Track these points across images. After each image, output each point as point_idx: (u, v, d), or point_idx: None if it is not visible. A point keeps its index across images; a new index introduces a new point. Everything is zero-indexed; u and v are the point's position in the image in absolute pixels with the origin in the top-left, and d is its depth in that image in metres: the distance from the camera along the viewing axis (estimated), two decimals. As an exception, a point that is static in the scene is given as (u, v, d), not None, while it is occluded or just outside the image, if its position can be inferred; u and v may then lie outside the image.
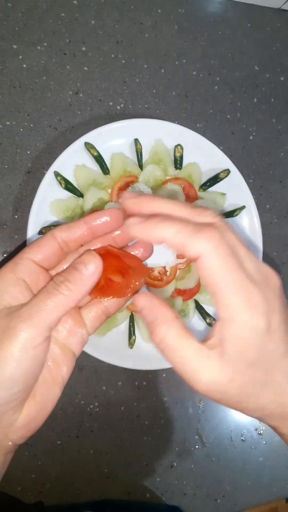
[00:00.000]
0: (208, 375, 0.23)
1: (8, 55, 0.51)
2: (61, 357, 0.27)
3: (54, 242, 0.26)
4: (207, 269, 0.23)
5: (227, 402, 0.25)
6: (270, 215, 0.59)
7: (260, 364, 0.23)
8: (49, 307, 0.24)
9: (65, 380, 0.28)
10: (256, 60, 0.59)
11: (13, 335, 0.23)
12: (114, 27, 0.54)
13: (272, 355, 0.24)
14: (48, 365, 0.27)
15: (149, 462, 0.54)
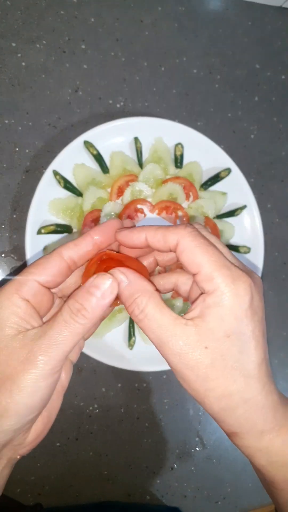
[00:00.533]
0: (185, 339, 0.24)
1: (7, 53, 0.50)
2: (62, 368, 0.27)
3: (62, 261, 0.26)
4: (186, 250, 0.24)
5: (195, 379, 0.24)
6: (272, 215, 0.59)
7: (236, 340, 0.24)
8: (68, 337, 0.24)
9: (65, 388, 0.28)
10: (257, 58, 0.59)
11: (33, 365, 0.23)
12: (113, 25, 0.53)
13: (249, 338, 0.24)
14: None
15: (149, 464, 0.54)
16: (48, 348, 0.23)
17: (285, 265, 0.59)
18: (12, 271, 0.49)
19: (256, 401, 0.24)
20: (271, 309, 0.58)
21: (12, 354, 0.23)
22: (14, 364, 0.23)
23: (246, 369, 0.24)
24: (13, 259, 0.49)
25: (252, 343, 0.24)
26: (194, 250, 0.24)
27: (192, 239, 0.24)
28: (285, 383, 0.58)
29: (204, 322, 0.24)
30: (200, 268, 0.24)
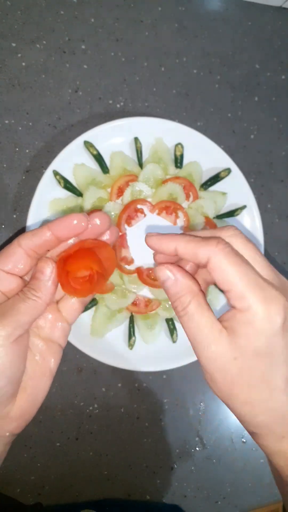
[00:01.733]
0: (217, 345, 0.25)
1: (7, 53, 0.50)
2: (47, 351, 0.30)
3: (20, 250, 0.28)
4: (217, 268, 0.25)
5: (222, 382, 0.25)
6: (272, 215, 0.59)
7: (265, 357, 0.24)
8: (22, 309, 0.27)
9: (53, 371, 0.30)
10: (257, 58, 0.59)
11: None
12: (113, 25, 0.53)
13: (279, 354, 0.24)
14: (35, 359, 0.29)
15: (149, 464, 0.54)
16: (3, 315, 0.26)
17: (285, 265, 0.59)
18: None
19: (279, 411, 0.25)
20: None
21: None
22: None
23: (273, 382, 0.25)
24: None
25: (281, 358, 0.25)
26: (226, 268, 0.24)
27: (223, 256, 0.24)
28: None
29: (235, 336, 0.24)
30: (232, 287, 0.24)
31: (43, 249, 0.28)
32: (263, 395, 0.25)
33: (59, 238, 0.28)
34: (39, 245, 0.28)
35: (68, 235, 0.28)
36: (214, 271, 0.25)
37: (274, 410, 0.26)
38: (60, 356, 0.31)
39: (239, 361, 0.24)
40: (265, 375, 0.25)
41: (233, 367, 0.25)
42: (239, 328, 0.24)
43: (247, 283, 0.24)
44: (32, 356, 0.29)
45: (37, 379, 0.29)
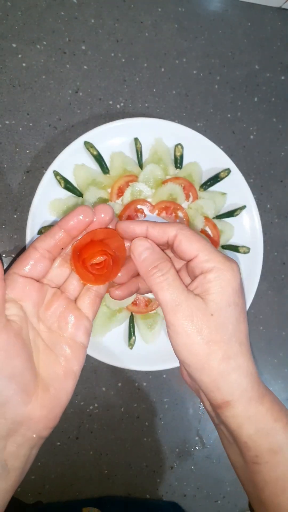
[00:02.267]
0: (196, 306, 0.27)
1: (8, 54, 0.50)
2: (71, 352, 0.30)
3: (36, 253, 0.29)
4: (185, 239, 0.29)
5: (199, 342, 0.27)
6: (271, 215, 0.59)
7: (234, 309, 0.28)
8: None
9: (77, 373, 0.31)
10: (257, 59, 0.59)
11: None
12: (114, 26, 0.54)
13: (240, 307, 0.28)
14: (59, 361, 0.30)
15: (149, 463, 0.54)
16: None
17: (285, 265, 0.59)
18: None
19: (246, 367, 0.28)
20: (270, 309, 0.58)
21: None
22: None
23: (240, 336, 0.28)
24: (14, 259, 0.50)
25: (243, 313, 0.28)
26: (192, 238, 0.29)
27: (188, 231, 0.29)
28: (284, 382, 0.59)
29: (208, 294, 0.28)
30: (198, 252, 0.28)
31: (58, 248, 0.30)
32: (235, 349, 0.27)
33: (70, 235, 0.30)
34: (54, 245, 0.29)
35: (78, 230, 0.30)
36: (181, 243, 0.29)
37: (243, 367, 0.28)
38: (84, 356, 0.31)
39: (215, 316, 0.27)
40: (235, 328, 0.27)
41: (211, 323, 0.27)
42: (211, 286, 0.28)
43: (210, 249, 0.29)
44: (55, 358, 0.30)
45: (61, 380, 0.30)
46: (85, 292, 0.32)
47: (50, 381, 0.29)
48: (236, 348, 0.27)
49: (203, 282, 0.28)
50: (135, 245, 0.30)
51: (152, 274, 0.29)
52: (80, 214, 0.29)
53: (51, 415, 0.29)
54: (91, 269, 0.31)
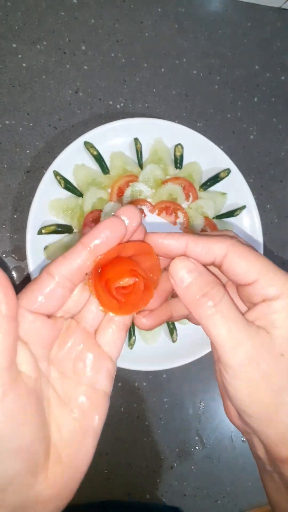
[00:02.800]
0: (260, 345, 0.21)
1: (8, 54, 0.50)
2: (89, 404, 0.23)
3: (52, 281, 0.21)
4: (241, 260, 0.22)
5: (266, 389, 0.21)
6: (271, 215, 0.59)
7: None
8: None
9: (98, 430, 0.24)
10: (257, 59, 0.59)
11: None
12: (114, 26, 0.54)
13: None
14: (73, 417, 0.23)
15: (149, 463, 0.54)
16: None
17: (284, 265, 0.59)
18: (13, 271, 0.50)
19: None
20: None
21: None
22: None
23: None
24: (14, 259, 0.50)
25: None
26: (249, 257, 0.22)
27: (242, 247, 0.23)
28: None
29: (275, 328, 0.22)
30: (259, 276, 0.22)
31: (81, 274, 0.22)
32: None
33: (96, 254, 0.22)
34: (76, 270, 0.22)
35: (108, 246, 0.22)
36: (235, 264, 0.22)
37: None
38: (107, 408, 0.24)
39: (287, 356, 0.21)
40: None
41: (282, 366, 0.21)
42: (277, 319, 0.22)
43: (274, 270, 0.22)
44: (69, 413, 0.23)
45: (76, 444, 0.22)
46: (107, 323, 0.25)
47: (63, 446, 0.22)
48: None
49: (267, 313, 0.22)
50: (176, 267, 0.23)
51: (201, 305, 0.22)
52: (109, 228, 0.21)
53: (64, 493, 0.22)
54: (116, 293, 0.23)
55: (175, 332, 0.51)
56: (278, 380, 0.21)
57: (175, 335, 0.51)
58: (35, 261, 0.45)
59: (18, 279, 0.50)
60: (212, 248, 0.23)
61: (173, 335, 0.51)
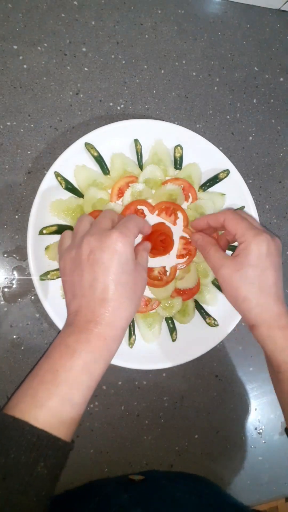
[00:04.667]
0: (227, 265, 0.42)
1: (9, 56, 0.51)
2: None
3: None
4: (230, 221, 0.43)
5: (230, 287, 0.42)
6: (270, 215, 0.60)
7: (256, 267, 0.41)
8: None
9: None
10: (256, 61, 0.59)
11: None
12: (114, 28, 0.54)
13: (262, 268, 0.41)
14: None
15: (149, 461, 0.54)
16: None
17: (284, 265, 0.60)
18: (14, 271, 0.50)
19: (266, 306, 0.41)
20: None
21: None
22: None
23: (261, 285, 0.41)
24: (15, 259, 0.50)
25: (267, 272, 0.41)
26: (234, 220, 0.43)
27: (232, 216, 0.44)
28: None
29: (239, 257, 0.41)
30: (238, 230, 0.42)
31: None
32: (254, 293, 0.41)
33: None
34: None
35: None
36: (228, 224, 0.43)
37: (263, 305, 0.40)
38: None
39: (240, 272, 0.41)
40: (256, 280, 0.41)
41: (236, 276, 0.41)
42: (241, 253, 0.41)
43: (245, 227, 0.42)
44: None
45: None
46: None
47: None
48: (256, 293, 0.40)
49: (238, 250, 0.42)
50: (193, 236, 0.49)
51: (202, 251, 0.47)
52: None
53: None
54: (156, 243, 0.49)
55: (175, 331, 0.51)
56: (235, 283, 0.41)
57: (174, 334, 0.51)
58: (36, 261, 0.46)
59: (19, 279, 0.50)
60: (218, 218, 0.45)
61: (173, 334, 0.51)
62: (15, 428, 0.30)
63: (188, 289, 0.52)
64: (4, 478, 0.29)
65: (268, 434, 0.59)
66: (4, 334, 0.49)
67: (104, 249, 0.36)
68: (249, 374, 0.58)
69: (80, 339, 0.35)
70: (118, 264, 0.36)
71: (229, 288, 0.42)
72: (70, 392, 0.33)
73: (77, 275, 0.37)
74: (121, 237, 0.37)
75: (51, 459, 0.31)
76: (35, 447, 0.30)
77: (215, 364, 0.57)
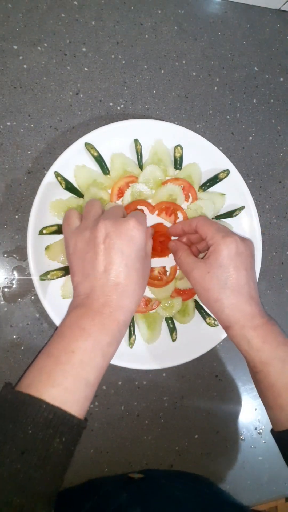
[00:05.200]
0: (198, 268, 0.43)
1: (9, 56, 0.51)
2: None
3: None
4: (201, 225, 0.44)
5: (202, 289, 0.42)
6: (270, 215, 0.60)
7: (226, 268, 0.41)
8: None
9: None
10: (256, 61, 0.59)
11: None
12: (114, 28, 0.54)
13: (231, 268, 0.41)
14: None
15: (149, 461, 0.54)
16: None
17: (283, 265, 0.60)
18: (14, 271, 0.50)
19: (238, 306, 0.41)
20: (269, 308, 0.59)
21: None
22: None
23: (233, 286, 0.41)
24: (15, 259, 0.50)
25: (237, 271, 0.41)
26: (204, 224, 0.44)
27: (203, 221, 0.45)
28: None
29: (209, 260, 0.42)
30: (207, 233, 0.43)
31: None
32: (225, 294, 0.41)
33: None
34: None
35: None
36: (199, 228, 0.44)
37: (235, 304, 0.40)
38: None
39: (211, 273, 0.41)
40: (226, 281, 0.41)
41: (207, 278, 0.41)
42: (211, 255, 0.42)
43: (215, 231, 0.43)
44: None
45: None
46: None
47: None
48: (227, 293, 0.41)
49: (209, 253, 0.42)
50: (170, 243, 0.49)
51: (176, 253, 0.47)
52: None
53: None
54: (156, 244, 0.50)
55: (175, 331, 0.51)
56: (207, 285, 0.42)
57: (174, 334, 0.51)
58: (36, 261, 0.46)
59: (19, 279, 0.50)
60: (191, 224, 0.46)
61: (173, 334, 0.51)
62: (33, 405, 0.32)
63: (188, 289, 0.52)
64: (23, 452, 0.30)
65: (268, 434, 0.59)
66: (4, 334, 0.49)
67: (121, 235, 0.38)
68: (249, 374, 0.58)
69: (95, 322, 0.36)
70: (133, 251, 0.38)
71: (201, 290, 0.42)
72: (85, 373, 0.34)
73: (90, 257, 0.38)
74: (137, 225, 0.38)
75: (66, 435, 0.32)
76: (51, 423, 0.32)
77: (215, 364, 0.57)
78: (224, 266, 0.41)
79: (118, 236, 0.38)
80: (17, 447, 0.30)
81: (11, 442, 0.31)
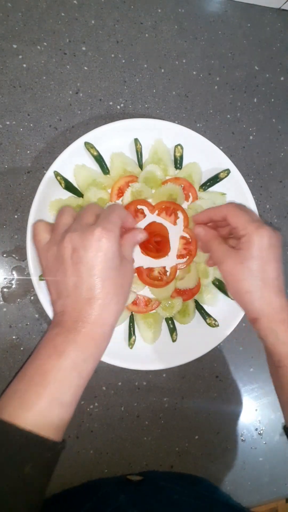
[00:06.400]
0: (230, 258, 0.41)
1: (8, 55, 0.50)
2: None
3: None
4: (232, 214, 0.43)
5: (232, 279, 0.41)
6: (270, 215, 0.59)
7: (258, 259, 0.40)
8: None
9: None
10: (256, 60, 0.59)
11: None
12: (114, 26, 0.54)
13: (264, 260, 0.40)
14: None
15: (149, 462, 0.54)
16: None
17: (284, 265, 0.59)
18: (13, 271, 0.50)
19: (268, 299, 0.40)
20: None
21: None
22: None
23: (264, 278, 0.40)
24: (14, 259, 0.50)
25: (269, 264, 0.40)
26: (236, 213, 0.42)
27: (234, 209, 0.43)
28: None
29: (242, 250, 0.41)
30: (239, 223, 0.41)
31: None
32: (256, 286, 0.40)
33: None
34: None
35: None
36: (230, 218, 0.43)
37: (266, 297, 0.40)
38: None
39: (243, 264, 0.40)
40: (258, 273, 0.40)
41: (239, 268, 0.40)
42: (243, 246, 0.41)
43: (248, 220, 0.41)
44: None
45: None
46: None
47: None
48: (258, 285, 0.40)
49: (241, 243, 0.41)
50: (196, 230, 0.47)
51: (205, 244, 0.46)
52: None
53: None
54: (151, 244, 0.49)
55: (175, 332, 0.51)
56: (238, 275, 0.41)
57: (175, 334, 0.51)
58: (35, 261, 0.46)
59: (19, 279, 0.50)
60: (221, 211, 0.44)
61: (173, 334, 0.51)
62: (2, 431, 0.31)
63: (189, 289, 0.51)
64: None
65: (269, 435, 0.59)
66: (3, 334, 0.49)
67: (87, 247, 0.36)
68: (249, 375, 0.58)
69: (68, 339, 0.35)
70: (103, 262, 0.36)
71: (232, 280, 0.41)
72: (59, 393, 0.33)
73: (60, 274, 0.37)
74: (104, 233, 0.36)
75: (39, 460, 0.31)
76: (22, 448, 0.30)
77: (216, 364, 0.56)
78: (257, 258, 0.40)
79: (84, 249, 0.36)
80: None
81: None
